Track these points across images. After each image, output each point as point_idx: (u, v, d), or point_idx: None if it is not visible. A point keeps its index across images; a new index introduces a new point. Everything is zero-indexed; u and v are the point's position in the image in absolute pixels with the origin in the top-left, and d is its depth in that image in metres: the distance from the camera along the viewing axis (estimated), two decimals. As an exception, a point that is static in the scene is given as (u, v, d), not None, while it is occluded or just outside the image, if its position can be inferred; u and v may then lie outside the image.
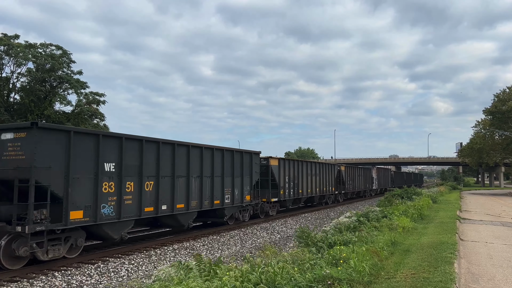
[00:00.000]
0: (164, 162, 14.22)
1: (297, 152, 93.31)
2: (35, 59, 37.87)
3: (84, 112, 40.20)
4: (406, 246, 10.83)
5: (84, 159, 11.17)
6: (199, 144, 16.44)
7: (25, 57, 37.14)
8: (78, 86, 40.13)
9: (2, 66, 37.60)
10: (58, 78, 39.27)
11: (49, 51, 39.52)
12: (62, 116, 39.47)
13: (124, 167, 12.44)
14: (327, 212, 29.80)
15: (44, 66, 38.15)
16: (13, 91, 39.09)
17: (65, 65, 40.03)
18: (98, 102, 41.95)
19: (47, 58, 38.38)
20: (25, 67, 38.38)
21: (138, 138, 13.31)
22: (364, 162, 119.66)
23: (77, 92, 40.50)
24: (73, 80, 39.77)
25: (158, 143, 14.06)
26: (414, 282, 7.07)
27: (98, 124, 42.15)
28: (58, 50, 39.88)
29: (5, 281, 9.74)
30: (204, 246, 15.26)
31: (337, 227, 12.84)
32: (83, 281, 10.21)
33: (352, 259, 7.70)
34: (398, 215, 16.57)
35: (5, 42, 36.26)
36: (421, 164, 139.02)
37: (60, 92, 40.52)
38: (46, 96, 39.12)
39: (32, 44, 38.64)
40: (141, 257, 12.93)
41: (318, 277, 6.68)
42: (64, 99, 39.69)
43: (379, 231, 12.60)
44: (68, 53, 40.24)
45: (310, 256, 8.46)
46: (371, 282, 7.10)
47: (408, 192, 29.87)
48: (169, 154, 14.58)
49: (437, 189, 47.18)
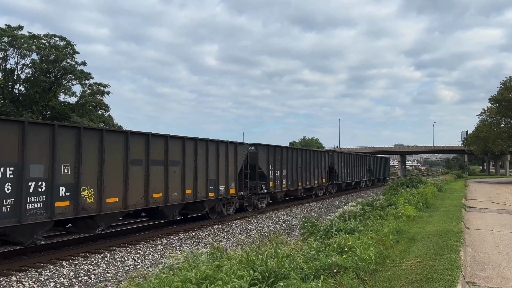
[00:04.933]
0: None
1: (302, 141, 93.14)
2: (39, 50, 37.88)
3: (88, 103, 40.27)
4: (411, 235, 10.83)
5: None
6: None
7: (29, 48, 37.14)
8: (82, 77, 40.16)
9: (7, 57, 37.66)
10: (62, 69, 39.28)
11: (52, 42, 39.53)
12: (67, 107, 39.56)
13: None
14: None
15: (48, 57, 38.16)
16: (18, 83, 39.18)
17: (69, 56, 40.03)
18: (103, 93, 42.00)
19: (51, 49, 38.38)
20: (29, 58, 38.45)
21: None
22: (369, 151, 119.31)
23: (81, 83, 40.55)
24: (77, 71, 39.79)
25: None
26: (420, 270, 7.08)
27: (102, 115, 42.24)
28: (62, 41, 39.87)
29: (13, 270, 9.85)
30: (210, 236, 15.35)
31: (342, 215, 12.85)
32: (90, 270, 10.31)
33: (357, 247, 7.71)
34: (403, 203, 16.55)
35: (9, 33, 36.26)
36: (426, 152, 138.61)
37: (65, 83, 40.57)
38: (50, 87, 39.19)
39: (35, 35, 38.62)
40: (147, 246, 13.03)
41: (324, 265, 6.70)
42: (68, 90, 39.76)
43: (384, 219, 12.59)
44: (72, 44, 40.24)
45: (316, 245, 8.47)
46: (377, 270, 7.11)
47: (414, 180, 29.79)
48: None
49: (442, 177, 47.06)
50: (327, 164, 31.60)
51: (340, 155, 34.43)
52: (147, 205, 13.52)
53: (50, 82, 39.05)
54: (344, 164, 35.15)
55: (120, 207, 12.47)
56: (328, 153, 32.46)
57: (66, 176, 10.82)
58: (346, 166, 35.80)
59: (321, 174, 30.27)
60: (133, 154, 13.09)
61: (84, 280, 9.61)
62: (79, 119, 35.65)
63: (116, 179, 12.35)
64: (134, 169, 13.09)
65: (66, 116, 36.96)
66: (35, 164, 10.03)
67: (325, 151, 32.01)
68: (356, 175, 39.53)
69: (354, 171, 38.58)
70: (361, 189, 42.86)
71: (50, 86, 39.13)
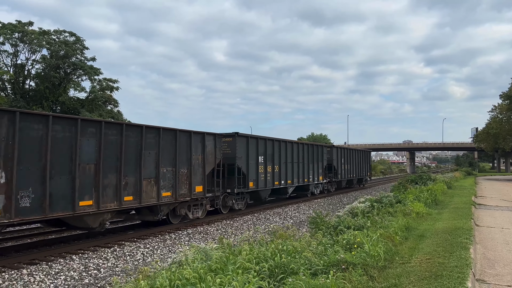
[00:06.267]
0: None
1: (310, 137, 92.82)
2: (49, 46, 38.15)
3: (98, 99, 40.51)
4: (420, 232, 10.77)
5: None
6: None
7: (40, 44, 37.42)
8: (91, 73, 40.40)
9: (17, 53, 37.98)
10: (72, 64, 39.54)
11: (62, 37, 39.76)
12: (77, 102, 39.84)
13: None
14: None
15: (58, 53, 38.42)
16: (29, 78, 39.52)
17: (79, 52, 40.27)
18: (112, 88, 42.21)
19: (61, 44, 38.62)
20: (40, 54, 38.73)
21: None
22: (377, 147, 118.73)
23: (90, 78, 40.81)
24: (86, 67, 40.02)
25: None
26: (429, 267, 7.04)
27: (111, 110, 42.48)
28: (72, 37, 40.09)
29: (24, 263, 9.98)
30: (218, 231, 15.40)
31: (350, 212, 12.82)
32: (100, 264, 10.40)
33: (366, 244, 7.69)
34: (412, 200, 16.46)
35: (20, 29, 36.55)
36: (436, 149, 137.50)
37: (74, 79, 40.84)
38: (60, 83, 39.48)
39: (46, 31, 38.88)
40: (156, 241, 13.11)
41: (332, 261, 6.69)
42: (78, 86, 40.01)
43: (393, 216, 12.54)
44: (81, 39, 40.43)
45: (324, 241, 8.47)
46: (386, 267, 7.08)
47: (423, 177, 29.61)
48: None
49: (451, 174, 46.70)
50: (325, 160, 29.04)
51: (340, 151, 32.29)
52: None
53: (60, 77, 39.34)
54: (345, 160, 32.93)
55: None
56: (325, 147, 29.68)
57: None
58: (347, 163, 33.60)
59: (317, 170, 27.76)
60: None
61: (93, 274, 9.71)
62: (88, 114, 35.88)
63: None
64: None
65: (75, 111, 37.22)
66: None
67: (322, 145, 29.26)
68: (358, 171, 37.22)
69: (355, 167, 36.34)
70: (365, 187, 40.30)
71: (60, 82, 39.42)
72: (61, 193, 10.49)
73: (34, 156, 9.96)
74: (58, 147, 10.50)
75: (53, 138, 10.35)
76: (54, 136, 10.42)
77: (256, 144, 20.26)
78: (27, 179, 9.73)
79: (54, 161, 10.37)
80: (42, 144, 10.13)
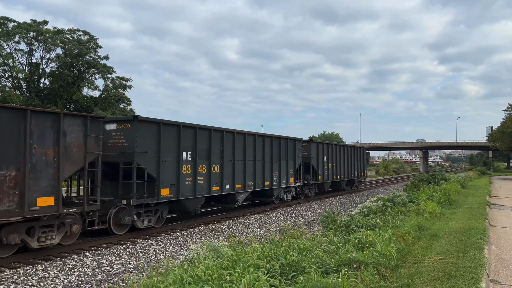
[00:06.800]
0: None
1: (321, 136, 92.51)
2: (63, 44, 38.62)
3: (111, 97, 40.89)
4: (433, 231, 10.67)
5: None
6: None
7: (54, 43, 37.90)
8: (105, 71, 40.81)
9: (32, 52, 38.52)
10: (86, 63, 39.97)
11: (76, 36, 40.21)
12: (90, 100, 40.27)
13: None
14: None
15: (72, 52, 38.86)
16: (43, 77, 40.07)
17: (92, 50, 40.68)
18: (125, 86, 42.57)
19: (75, 43, 39.07)
20: (54, 53, 39.23)
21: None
22: (390, 146, 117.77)
23: (104, 77, 41.22)
24: (100, 65, 40.44)
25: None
26: (442, 267, 6.97)
27: (124, 109, 42.84)
28: (85, 36, 40.52)
29: (39, 259, 10.13)
30: (229, 229, 15.44)
31: (362, 211, 12.75)
32: (112, 261, 10.51)
33: (378, 243, 7.65)
34: (425, 199, 16.32)
35: (35, 28, 37.06)
36: (449, 148, 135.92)
37: (88, 77, 41.30)
38: (74, 81, 39.95)
39: (60, 30, 39.36)
40: (168, 238, 13.20)
41: (344, 260, 6.67)
42: (91, 84, 40.45)
43: (405, 215, 12.45)
44: (95, 38, 40.84)
45: (336, 240, 8.44)
46: (398, 267, 7.03)
47: (436, 177, 29.31)
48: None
49: (465, 174, 46.14)
50: (298, 158, 23.15)
51: (322, 147, 26.69)
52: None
53: (73, 76, 39.80)
54: (328, 158, 27.31)
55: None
56: (298, 141, 23.26)
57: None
58: (332, 161, 28.01)
59: (287, 171, 21.88)
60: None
61: (106, 271, 9.81)
62: (102, 112, 36.24)
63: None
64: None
65: (89, 109, 37.63)
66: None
67: (294, 139, 22.85)
68: (348, 172, 31.42)
69: (345, 167, 30.55)
70: (358, 190, 34.47)
71: (73, 80, 39.89)
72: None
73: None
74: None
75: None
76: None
77: (177, 134, 14.22)
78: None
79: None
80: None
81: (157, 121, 13.56)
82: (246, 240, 10.32)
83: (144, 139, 13.05)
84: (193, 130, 15.11)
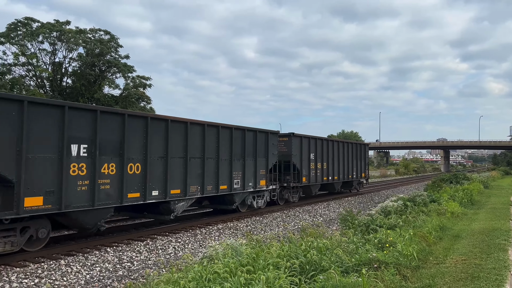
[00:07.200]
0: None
1: (340, 135, 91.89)
2: (85, 44, 39.29)
3: (131, 96, 41.42)
4: (455, 232, 10.49)
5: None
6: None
7: (76, 43, 38.59)
8: (125, 70, 41.36)
9: (55, 51, 39.32)
10: (107, 62, 40.58)
11: (97, 36, 40.85)
12: (111, 99, 40.89)
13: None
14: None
15: (93, 51, 39.51)
16: (66, 76, 40.87)
17: (113, 50, 41.28)
18: (145, 85, 43.07)
19: (96, 43, 39.70)
20: (76, 52, 39.96)
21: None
22: (410, 146, 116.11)
23: (124, 76, 41.79)
24: (120, 64, 41.01)
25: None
26: (465, 268, 6.85)
27: (144, 107, 43.36)
28: (106, 35, 41.14)
29: (62, 254, 10.34)
30: (247, 227, 15.48)
31: (383, 211, 12.62)
32: (133, 257, 10.66)
33: (399, 243, 7.56)
34: (447, 199, 16.05)
35: (58, 28, 37.82)
36: (471, 148, 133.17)
37: (109, 76, 41.93)
38: (95, 80, 40.63)
39: (82, 30, 40.06)
40: (187, 235, 13.32)
41: (364, 260, 6.61)
42: (112, 83, 41.05)
43: (426, 215, 12.27)
44: (116, 37, 41.44)
45: (355, 239, 8.37)
46: (419, 267, 6.94)
47: (458, 176, 28.79)
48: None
49: (488, 174, 45.18)
50: (273, 156, 18.85)
51: (306, 142, 22.12)
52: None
53: (95, 75, 40.49)
54: (316, 156, 23.01)
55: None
56: (272, 134, 18.72)
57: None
58: (322, 160, 23.72)
59: (255, 171, 17.56)
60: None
61: (127, 266, 9.96)
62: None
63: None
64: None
65: (110, 108, 38.20)
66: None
67: (265, 132, 18.26)
68: (345, 172, 26.72)
69: (340, 166, 26.10)
70: (359, 192, 30.12)
71: (95, 79, 40.57)
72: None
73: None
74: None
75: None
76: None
77: (60, 119, 10.08)
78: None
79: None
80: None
81: (19, 98, 9.47)
82: (264, 239, 10.33)
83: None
84: (91, 115, 10.84)
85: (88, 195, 10.66)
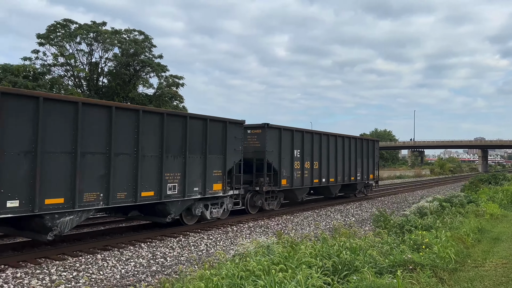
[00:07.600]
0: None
1: (373, 133, 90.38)
2: (120, 44, 40.33)
3: (164, 95, 42.21)
4: (495, 234, 10.11)
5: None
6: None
7: (112, 43, 39.67)
8: (159, 70, 42.16)
9: (92, 52, 40.55)
10: (141, 62, 41.50)
11: (132, 36, 41.85)
12: (145, 98, 41.79)
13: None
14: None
15: (128, 51, 40.49)
16: (102, 75, 42.10)
17: (147, 50, 42.16)
18: (178, 84, 43.78)
19: (131, 43, 40.67)
20: (112, 52, 41.06)
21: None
22: (446, 145, 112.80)
23: (158, 75, 42.63)
24: (154, 64, 41.84)
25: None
26: (505, 272, 6.59)
27: (177, 106, 44.06)
28: (141, 35, 42.08)
29: (99, 249, 10.66)
30: (278, 226, 15.47)
31: (418, 212, 12.31)
32: (166, 253, 10.85)
33: (435, 244, 7.35)
34: (485, 200, 15.50)
35: (94, 29, 38.97)
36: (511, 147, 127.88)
37: (143, 76, 42.89)
38: (130, 80, 41.63)
39: (117, 31, 41.14)
40: (218, 233, 13.44)
41: (399, 261, 6.47)
42: (146, 82, 41.96)
43: (464, 217, 11.89)
44: (150, 38, 42.29)
45: (389, 240, 8.21)
46: (457, 270, 6.73)
47: (497, 177, 27.76)
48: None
49: (530, 175, 43.28)
50: (236, 153, 14.78)
51: (287, 136, 17.85)
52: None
53: (130, 74, 41.48)
54: (303, 154, 18.69)
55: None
56: (237, 124, 14.88)
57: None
58: (311, 158, 19.28)
59: (207, 172, 13.43)
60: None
61: (160, 262, 10.14)
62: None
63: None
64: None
65: (144, 107, 39.04)
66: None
67: (222, 121, 14.20)
68: (346, 173, 22.24)
69: (339, 167, 21.53)
70: (367, 197, 25.96)
71: (130, 78, 41.57)
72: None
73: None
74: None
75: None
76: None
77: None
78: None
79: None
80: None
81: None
82: (295, 237, 10.28)
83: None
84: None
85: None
